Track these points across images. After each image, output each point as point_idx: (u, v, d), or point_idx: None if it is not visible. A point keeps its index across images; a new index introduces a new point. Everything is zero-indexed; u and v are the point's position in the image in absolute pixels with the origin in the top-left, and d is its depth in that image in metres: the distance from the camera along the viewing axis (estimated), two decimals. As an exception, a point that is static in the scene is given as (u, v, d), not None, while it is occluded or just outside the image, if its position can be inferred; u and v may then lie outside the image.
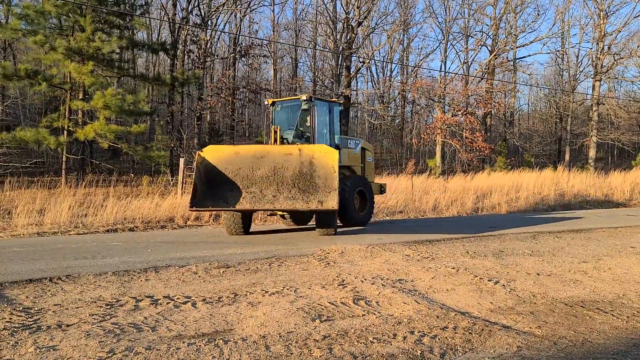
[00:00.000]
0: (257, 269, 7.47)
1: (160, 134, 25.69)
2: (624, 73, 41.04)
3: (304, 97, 12.08)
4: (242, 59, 33.13)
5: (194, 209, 9.38)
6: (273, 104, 12.67)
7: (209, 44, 30.33)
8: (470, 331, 4.75)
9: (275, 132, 11.25)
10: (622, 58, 36.49)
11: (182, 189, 15.59)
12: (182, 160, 16.93)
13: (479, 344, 4.43)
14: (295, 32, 38.56)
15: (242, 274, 7.12)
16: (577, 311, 5.46)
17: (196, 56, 28.21)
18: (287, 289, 6.25)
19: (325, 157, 9.64)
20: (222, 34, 36.64)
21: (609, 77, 37.88)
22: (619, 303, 5.85)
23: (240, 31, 35.72)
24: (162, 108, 29.97)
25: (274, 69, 38.91)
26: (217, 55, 36.07)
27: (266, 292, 6.12)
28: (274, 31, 38.78)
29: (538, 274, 7.25)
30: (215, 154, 9.86)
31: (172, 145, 24.51)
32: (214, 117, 34.41)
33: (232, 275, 7.02)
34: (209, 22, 30.17)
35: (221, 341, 4.45)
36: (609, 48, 36.01)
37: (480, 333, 4.70)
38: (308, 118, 12.10)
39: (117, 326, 4.78)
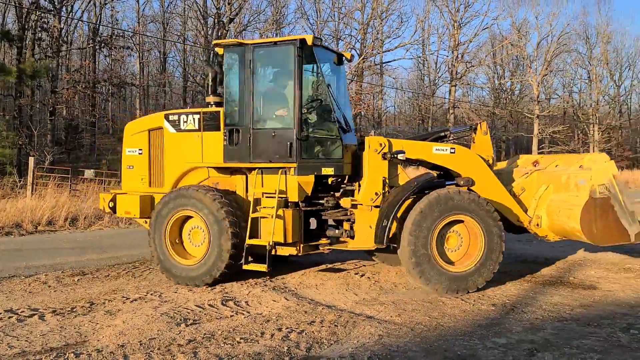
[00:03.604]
0: (118, 274, 6.97)
1: (5, 130, 22.93)
2: (475, 80, 45.32)
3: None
4: (103, 49, 30.84)
5: None
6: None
7: (63, 32, 27.79)
8: (336, 324, 4.87)
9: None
10: (473, 66, 40.35)
11: (31, 190, 14.08)
12: (31, 160, 15.32)
13: (344, 336, 4.56)
14: (163, 25, 36.84)
15: (100, 281, 6.60)
16: (433, 298, 5.88)
17: (47, 45, 25.66)
18: (151, 294, 5.92)
19: None
20: (80, 22, 33.83)
21: (462, 83, 41.62)
22: (467, 288, 6.39)
23: (100, 20, 33.22)
24: (8, 101, 26.82)
25: (140, 63, 36.85)
26: (73, 44, 33.19)
27: (127, 298, 5.74)
28: (139, 23, 36.70)
29: (400, 266, 7.68)
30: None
31: (21, 143, 22.04)
32: (71, 111, 31.63)
33: (89, 283, 6.48)
34: (63, 9, 27.63)
35: (72, 355, 4.07)
36: (462, 56, 39.57)
37: (345, 325, 4.84)
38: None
39: (-58, 349, 4.14)
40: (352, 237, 6.60)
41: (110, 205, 7.25)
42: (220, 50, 6.89)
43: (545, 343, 4.39)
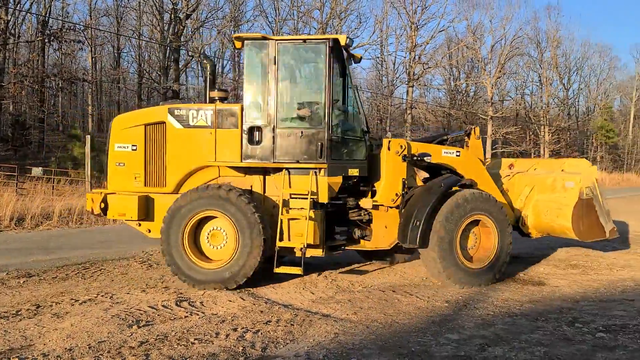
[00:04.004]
0: (66, 276, 6.73)
1: (-53, 125, 21.81)
2: (432, 81, 46.15)
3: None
4: (52, 43, 29.65)
5: None
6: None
7: (10, 24, 26.60)
8: (292, 323, 4.85)
9: None
10: (430, 67, 41.10)
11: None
12: (-25, 156, 14.62)
13: (300, 335, 4.55)
14: (116, 19, 35.77)
15: (47, 283, 6.35)
16: (389, 295, 5.95)
17: (-7, 37, 24.53)
18: (102, 296, 5.74)
19: None
20: (29, 14, 32.43)
21: (419, 84, 42.30)
22: (422, 285, 6.53)
23: (50, 13, 31.93)
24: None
25: (92, 58, 35.69)
26: (20, 37, 31.79)
27: (76, 300, 5.54)
28: (90, 16, 35.49)
29: (358, 262, 7.74)
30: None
31: (-37, 139, 21.04)
32: (18, 107, 30.32)
33: (35, 286, 6.22)
34: (11, 0, 26.42)
35: (16, 359, 3.89)
36: (419, 58, 40.21)
37: (301, 324, 4.83)
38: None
39: None
40: (364, 237, 6.75)
41: (102, 207, 6.54)
42: (238, 44, 6.51)
43: (496, 338, 4.51)
